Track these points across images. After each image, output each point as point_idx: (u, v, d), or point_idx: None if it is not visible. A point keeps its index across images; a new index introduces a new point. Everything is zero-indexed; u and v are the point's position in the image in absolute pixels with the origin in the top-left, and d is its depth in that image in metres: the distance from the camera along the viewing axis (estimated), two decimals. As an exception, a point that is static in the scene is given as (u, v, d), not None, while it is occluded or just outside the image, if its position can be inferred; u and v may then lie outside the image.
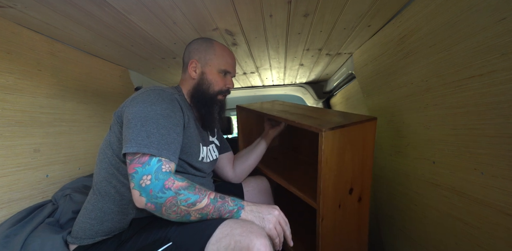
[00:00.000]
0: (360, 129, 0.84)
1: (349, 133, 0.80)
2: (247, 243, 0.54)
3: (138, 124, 0.63)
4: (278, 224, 0.66)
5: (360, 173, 0.88)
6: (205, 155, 0.88)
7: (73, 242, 0.71)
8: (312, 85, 2.18)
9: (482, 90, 0.61)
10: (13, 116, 0.84)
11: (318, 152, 0.75)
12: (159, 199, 0.58)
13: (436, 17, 0.69)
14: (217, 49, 0.89)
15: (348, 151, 0.82)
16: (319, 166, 0.76)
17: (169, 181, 0.60)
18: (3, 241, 0.71)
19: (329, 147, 0.76)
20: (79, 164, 1.13)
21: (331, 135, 0.75)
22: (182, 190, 0.60)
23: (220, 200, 0.64)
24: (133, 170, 0.60)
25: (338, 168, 0.81)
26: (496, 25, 0.54)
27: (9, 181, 0.82)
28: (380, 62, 1.05)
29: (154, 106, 0.66)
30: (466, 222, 0.71)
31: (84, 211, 0.74)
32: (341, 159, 0.81)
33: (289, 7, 0.82)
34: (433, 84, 0.77)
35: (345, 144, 0.80)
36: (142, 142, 0.61)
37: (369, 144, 0.89)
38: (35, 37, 0.90)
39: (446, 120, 0.74)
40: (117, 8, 0.77)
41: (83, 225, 0.71)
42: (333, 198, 0.82)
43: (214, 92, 0.88)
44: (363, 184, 0.91)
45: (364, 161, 0.89)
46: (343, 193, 0.85)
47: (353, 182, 0.87)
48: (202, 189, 0.64)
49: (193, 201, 0.60)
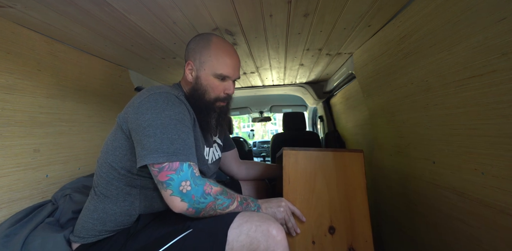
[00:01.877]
0: (336, 158, 0.84)
1: (318, 159, 0.83)
2: (266, 226, 0.61)
3: (157, 132, 0.62)
4: (286, 213, 0.77)
5: (346, 212, 0.80)
6: (208, 156, 0.87)
7: (76, 240, 0.71)
8: (312, 85, 2.18)
9: (483, 90, 0.61)
10: (13, 116, 0.83)
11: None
12: (201, 204, 0.62)
13: (436, 17, 0.69)
14: (213, 50, 0.77)
15: (320, 179, 0.82)
16: (283, 184, 0.80)
17: (207, 187, 0.64)
18: (3, 241, 0.71)
19: (291, 165, 0.82)
20: (79, 164, 1.13)
21: (293, 154, 0.81)
22: (219, 195, 0.65)
23: (244, 201, 0.72)
24: (166, 178, 0.60)
25: (306, 194, 0.81)
26: (496, 25, 0.54)
27: (9, 181, 0.82)
28: (380, 62, 1.05)
29: (167, 111, 0.65)
30: (466, 222, 0.71)
31: (86, 211, 0.73)
32: (310, 185, 0.81)
33: (289, 7, 0.82)
34: (433, 84, 0.77)
35: (315, 169, 0.82)
36: (168, 150, 0.62)
37: (355, 178, 0.82)
38: (35, 37, 0.90)
39: (446, 120, 0.74)
40: (117, 8, 0.77)
41: (85, 225, 0.71)
42: (301, 227, 0.79)
43: (210, 100, 0.78)
44: (354, 227, 0.79)
45: (351, 198, 0.81)
46: (317, 227, 0.79)
47: (333, 219, 0.80)
48: (231, 192, 0.70)
49: (227, 205, 0.67)
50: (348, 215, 0.80)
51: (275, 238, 0.60)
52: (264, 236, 0.60)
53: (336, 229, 0.80)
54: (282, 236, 0.62)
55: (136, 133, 0.65)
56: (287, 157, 0.83)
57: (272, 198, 0.79)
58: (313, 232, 0.80)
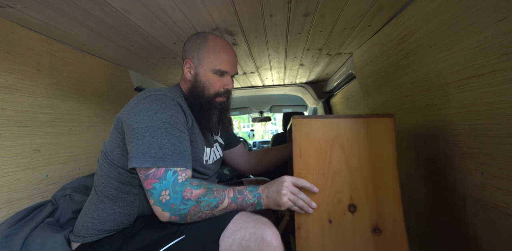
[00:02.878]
0: (359, 125, 0.71)
1: (335, 127, 0.71)
2: (261, 233, 0.59)
3: (146, 135, 0.62)
4: (291, 194, 0.67)
5: (369, 188, 0.70)
6: (209, 156, 0.87)
7: (76, 240, 0.71)
8: (312, 85, 2.18)
9: (483, 90, 0.61)
10: (13, 116, 0.83)
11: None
12: (182, 211, 0.61)
13: (436, 17, 0.69)
14: (210, 46, 0.79)
15: (338, 150, 0.71)
16: (294, 159, 0.70)
17: (187, 192, 0.62)
18: (3, 241, 0.71)
19: (302, 135, 0.71)
20: (78, 164, 1.13)
21: (305, 123, 0.70)
22: (202, 197, 0.62)
23: (239, 195, 0.66)
24: (150, 186, 0.61)
25: (321, 168, 0.71)
26: (496, 25, 0.54)
27: (9, 181, 0.82)
28: (380, 62, 1.05)
29: (159, 114, 0.65)
30: (466, 222, 0.71)
31: (86, 211, 0.74)
32: (325, 158, 0.71)
33: (289, 7, 0.82)
34: (433, 84, 0.77)
35: (331, 139, 0.71)
36: (155, 155, 0.61)
37: (383, 149, 0.70)
38: (34, 37, 0.90)
39: (446, 120, 0.74)
40: (117, 8, 0.77)
41: (85, 224, 0.71)
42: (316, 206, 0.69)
43: (210, 96, 0.79)
44: (380, 205, 0.69)
45: (377, 172, 0.70)
46: (334, 205, 0.70)
47: (354, 196, 0.70)
48: (220, 190, 0.65)
49: (215, 204, 0.63)
50: (372, 192, 0.70)
51: (270, 246, 0.58)
52: (258, 245, 0.58)
53: (357, 207, 0.70)
54: (278, 242, 0.59)
55: (127, 133, 0.66)
56: (297, 126, 0.72)
57: (274, 180, 0.71)
58: (329, 210, 0.70)
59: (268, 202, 0.68)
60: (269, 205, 0.68)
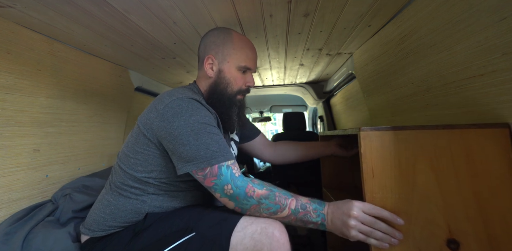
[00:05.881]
0: (455, 138, 0.56)
1: (416, 139, 0.58)
2: (271, 229, 0.60)
3: (191, 140, 0.63)
4: (362, 225, 0.58)
5: (477, 219, 0.55)
6: None
7: (86, 233, 0.72)
8: (312, 85, 2.18)
9: (483, 90, 0.61)
10: (13, 116, 0.83)
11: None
12: (245, 205, 0.63)
13: (437, 17, 0.69)
14: (236, 42, 0.79)
15: (424, 169, 0.57)
16: (364, 179, 0.59)
17: (249, 189, 0.63)
18: (3, 239, 0.71)
19: (374, 151, 0.59)
20: (78, 164, 1.13)
21: (377, 136, 0.58)
22: (263, 199, 0.63)
23: (301, 210, 0.62)
24: (211, 183, 0.63)
25: (403, 192, 0.57)
26: (497, 25, 0.54)
27: (9, 181, 0.82)
28: (380, 62, 1.05)
29: (193, 117, 0.65)
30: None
31: (98, 205, 0.74)
32: (407, 177, 0.57)
33: (289, 7, 0.82)
34: (433, 84, 0.77)
35: (413, 156, 0.58)
36: (206, 155, 0.63)
37: (493, 167, 0.55)
38: (34, 37, 0.90)
39: (446, 121, 0.74)
40: (117, 8, 0.77)
41: (96, 218, 0.72)
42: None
43: (233, 93, 0.79)
44: (494, 244, 0.54)
45: (485, 198, 0.55)
46: (425, 240, 0.56)
47: (454, 229, 0.55)
48: (282, 197, 0.63)
49: (274, 211, 0.63)
50: (481, 224, 0.54)
51: (279, 241, 0.59)
52: (269, 239, 0.59)
53: (461, 244, 0.55)
54: (286, 239, 0.61)
55: (168, 141, 0.65)
56: (366, 140, 0.59)
57: (342, 202, 0.62)
58: (419, 245, 0.56)
59: (333, 228, 0.61)
60: (334, 231, 0.61)
